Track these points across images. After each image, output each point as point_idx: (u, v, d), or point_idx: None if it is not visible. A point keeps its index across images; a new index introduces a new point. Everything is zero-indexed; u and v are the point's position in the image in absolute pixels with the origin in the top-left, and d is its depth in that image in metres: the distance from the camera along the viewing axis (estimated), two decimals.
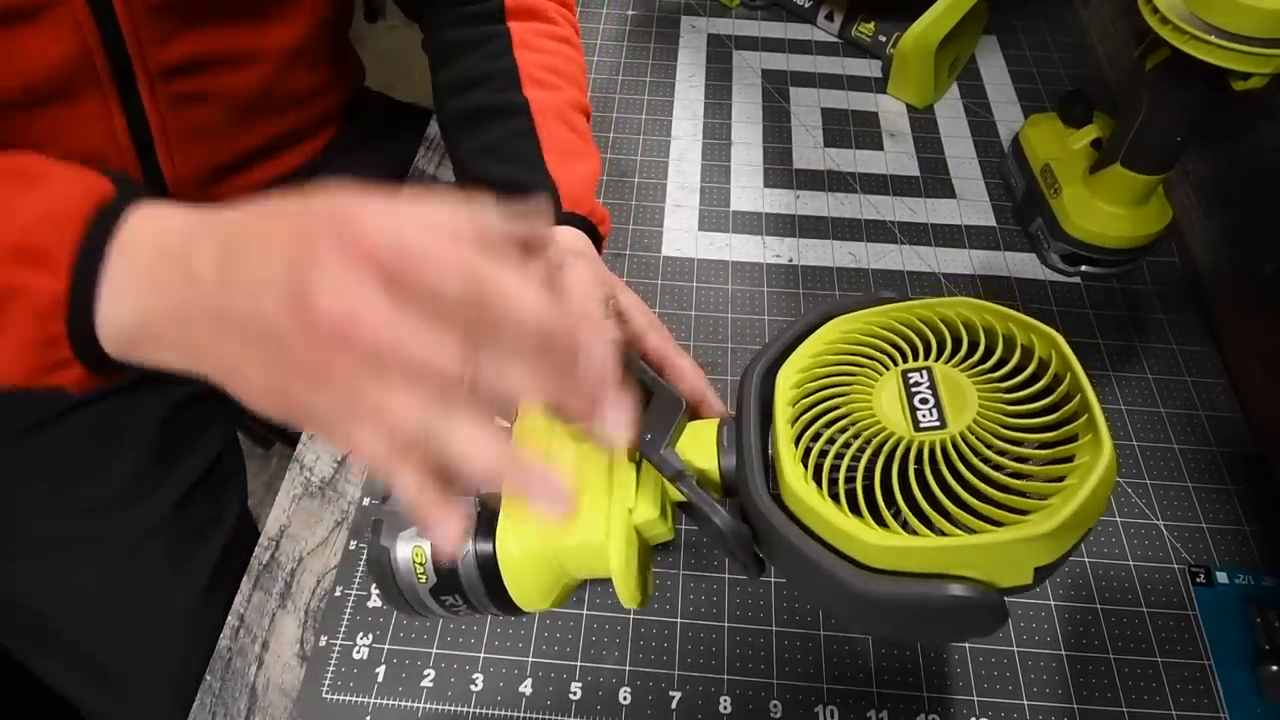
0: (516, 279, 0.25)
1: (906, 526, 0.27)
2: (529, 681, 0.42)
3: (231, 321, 0.27)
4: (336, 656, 0.43)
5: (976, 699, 0.41)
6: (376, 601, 0.45)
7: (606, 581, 0.34)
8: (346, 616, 0.44)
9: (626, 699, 0.41)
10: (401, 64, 1.45)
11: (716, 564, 0.45)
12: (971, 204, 0.64)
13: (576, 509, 0.32)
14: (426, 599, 0.34)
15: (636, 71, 0.74)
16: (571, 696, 0.41)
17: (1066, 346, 0.29)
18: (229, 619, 0.45)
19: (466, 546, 0.33)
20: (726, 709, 0.41)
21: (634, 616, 0.44)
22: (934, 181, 0.65)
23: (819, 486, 0.29)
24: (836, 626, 0.44)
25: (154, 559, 0.54)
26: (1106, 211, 0.55)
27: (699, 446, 0.35)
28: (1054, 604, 0.44)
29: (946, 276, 0.59)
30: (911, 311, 0.33)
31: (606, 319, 0.38)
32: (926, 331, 0.32)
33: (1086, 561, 0.46)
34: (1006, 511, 0.26)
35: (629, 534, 0.33)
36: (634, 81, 0.73)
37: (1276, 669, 0.41)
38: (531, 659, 0.43)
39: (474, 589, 0.33)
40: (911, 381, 0.30)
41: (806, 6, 0.78)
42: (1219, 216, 0.59)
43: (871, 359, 0.32)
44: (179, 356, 0.29)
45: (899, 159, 0.67)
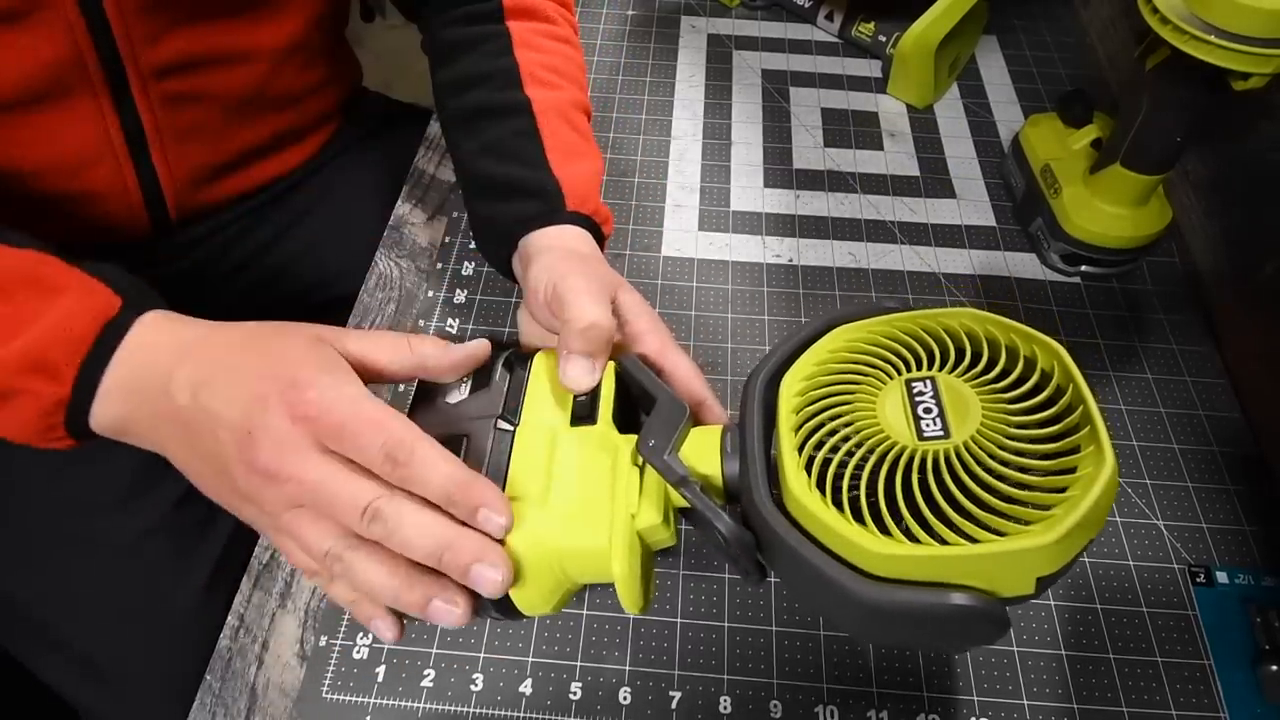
0: (429, 449, 0.32)
1: (909, 535, 0.27)
2: (529, 681, 0.42)
3: (194, 437, 0.34)
4: (336, 656, 0.43)
5: (976, 699, 0.42)
6: None
7: (607, 583, 0.34)
8: (346, 616, 0.44)
9: (626, 699, 0.42)
10: (400, 64, 1.44)
11: (716, 564, 0.46)
12: (971, 204, 0.64)
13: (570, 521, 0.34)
14: None
15: (636, 71, 0.74)
16: (571, 696, 0.42)
17: (1069, 358, 0.29)
18: (229, 619, 0.45)
19: None
20: (726, 709, 0.41)
21: (634, 617, 0.44)
22: (934, 181, 0.65)
23: (822, 494, 0.29)
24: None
25: (154, 559, 0.54)
26: (1106, 211, 0.55)
27: (702, 452, 0.35)
28: (1054, 604, 0.45)
29: (946, 276, 0.59)
30: (915, 321, 0.33)
31: (610, 320, 0.38)
32: (930, 341, 0.32)
33: (1087, 561, 0.46)
34: (1009, 521, 0.26)
35: (631, 539, 0.33)
36: (634, 81, 0.73)
37: (1276, 669, 0.41)
38: (531, 659, 0.43)
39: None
40: (915, 391, 0.30)
41: (806, 6, 0.78)
42: (1219, 216, 0.59)
43: (875, 368, 0.32)
44: (151, 446, 0.37)
45: (899, 159, 0.67)
